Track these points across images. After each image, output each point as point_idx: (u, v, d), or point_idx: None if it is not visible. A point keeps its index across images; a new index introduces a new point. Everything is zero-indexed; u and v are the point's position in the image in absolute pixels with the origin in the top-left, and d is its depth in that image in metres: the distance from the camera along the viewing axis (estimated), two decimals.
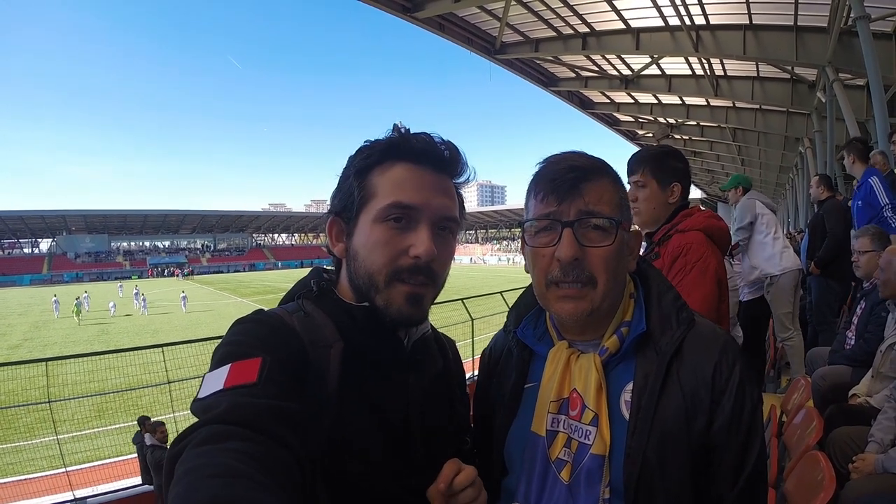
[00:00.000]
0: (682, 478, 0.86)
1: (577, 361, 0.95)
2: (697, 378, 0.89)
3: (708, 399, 0.88)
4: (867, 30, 6.09)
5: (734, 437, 0.88)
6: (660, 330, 0.93)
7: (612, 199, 0.92)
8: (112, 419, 9.04)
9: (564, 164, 0.92)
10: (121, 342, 17.89)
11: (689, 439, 0.87)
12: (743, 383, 0.89)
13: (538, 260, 0.93)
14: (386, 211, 0.85)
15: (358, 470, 0.81)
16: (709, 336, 0.93)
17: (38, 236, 71.69)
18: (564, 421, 0.94)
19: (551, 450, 0.94)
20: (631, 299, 0.99)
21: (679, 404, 0.88)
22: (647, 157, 2.05)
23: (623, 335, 0.94)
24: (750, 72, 12.04)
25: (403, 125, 0.91)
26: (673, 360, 0.90)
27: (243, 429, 0.60)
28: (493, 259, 79.26)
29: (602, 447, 0.88)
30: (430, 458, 0.90)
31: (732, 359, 0.91)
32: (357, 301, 0.90)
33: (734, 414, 0.88)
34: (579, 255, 0.88)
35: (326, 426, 0.79)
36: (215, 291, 39.76)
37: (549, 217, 0.91)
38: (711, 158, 23.67)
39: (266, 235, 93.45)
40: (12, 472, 7.12)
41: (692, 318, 0.95)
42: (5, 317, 27.49)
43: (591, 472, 0.88)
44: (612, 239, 0.89)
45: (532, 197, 0.95)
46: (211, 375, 0.72)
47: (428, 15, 10.64)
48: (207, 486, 0.50)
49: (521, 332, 1.07)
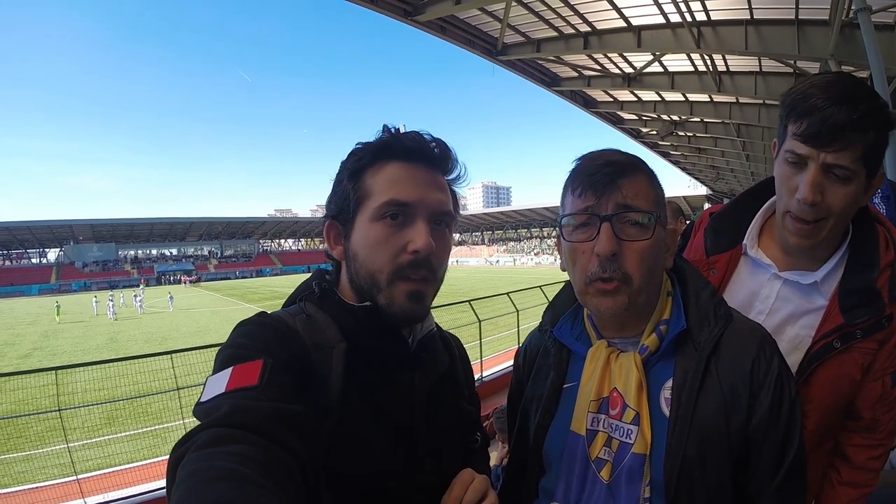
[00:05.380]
0: (722, 474, 0.87)
1: (617, 360, 0.96)
2: (736, 374, 0.89)
3: (747, 394, 0.88)
4: (868, 22, 6.04)
5: (773, 432, 0.88)
6: (698, 327, 0.94)
7: (649, 194, 0.93)
8: (122, 426, 9.09)
9: (601, 159, 0.93)
10: (129, 349, 17.98)
11: (729, 435, 0.87)
12: (781, 377, 0.90)
13: (577, 256, 0.93)
14: (382, 209, 0.86)
15: (364, 470, 0.81)
16: (746, 332, 0.94)
17: (45, 246, 72.17)
18: (605, 420, 0.95)
19: (591, 449, 0.94)
20: (669, 297, 0.99)
21: (718, 400, 0.88)
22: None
23: (662, 333, 0.94)
24: (753, 67, 11.97)
25: (393, 126, 0.93)
26: (711, 357, 0.91)
27: (245, 432, 0.61)
28: (503, 259, 78.95)
29: (643, 446, 0.88)
30: (437, 456, 0.90)
31: (770, 353, 0.91)
32: (358, 302, 0.90)
33: (773, 408, 0.88)
34: (617, 249, 0.88)
35: (330, 427, 0.79)
36: (223, 297, 39.87)
37: (587, 212, 0.91)
38: (716, 155, 23.53)
39: (272, 241, 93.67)
40: (24, 481, 7.15)
41: (730, 315, 0.95)
42: (14, 326, 27.65)
43: (632, 471, 0.89)
44: (650, 234, 0.90)
45: (569, 193, 0.95)
46: (213, 378, 0.72)
47: (429, 18, 10.64)
48: (209, 490, 0.50)
49: (558, 331, 1.07)
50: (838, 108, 0.97)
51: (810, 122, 1.01)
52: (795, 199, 1.07)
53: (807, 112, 1.02)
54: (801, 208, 1.07)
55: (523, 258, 75.71)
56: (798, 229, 1.11)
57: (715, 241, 1.33)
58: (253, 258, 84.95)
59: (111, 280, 65.34)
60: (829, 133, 0.98)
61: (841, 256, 1.17)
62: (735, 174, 28.28)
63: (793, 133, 1.06)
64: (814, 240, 1.11)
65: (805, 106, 1.02)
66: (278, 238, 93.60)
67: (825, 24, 8.74)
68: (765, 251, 1.26)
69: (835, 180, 1.03)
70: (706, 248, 1.35)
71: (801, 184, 1.05)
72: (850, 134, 0.98)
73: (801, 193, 1.05)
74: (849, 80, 1.03)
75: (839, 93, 0.99)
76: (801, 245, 1.13)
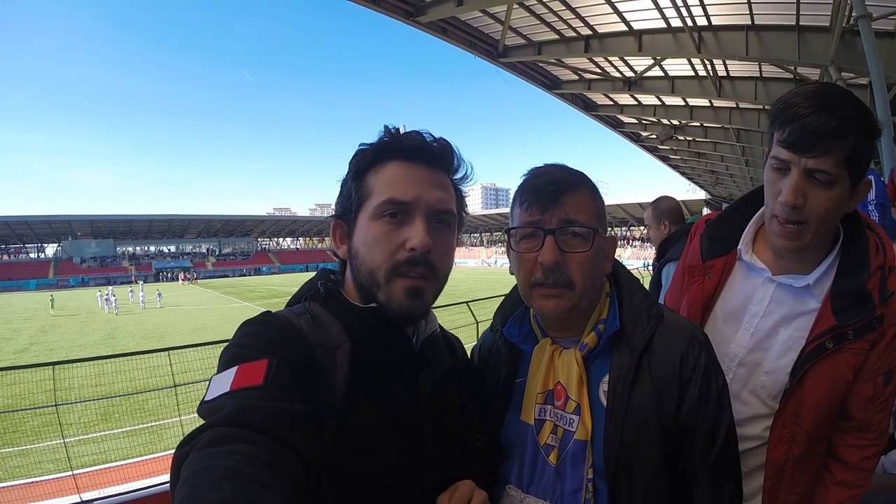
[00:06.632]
0: (657, 458, 0.97)
1: (560, 356, 1.05)
2: (666, 368, 0.99)
3: (676, 386, 0.98)
4: (869, 29, 6.06)
5: (702, 420, 0.98)
6: (632, 326, 1.03)
7: (591, 209, 1.02)
8: (118, 423, 9.07)
9: (547, 177, 1.02)
10: (127, 345, 17.93)
11: (662, 423, 0.97)
12: (708, 371, 1.00)
13: (523, 263, 1.03)
14: (381, 208, 0.88)
15: (370, 469, 0.82)
16: (676, 329, 1.03)
17: (43, 241, 71.96)
18: (550, 410, 1.05)
19: (540, 436, 1.04)
20: (607, 298, 1.08)
21: (650, 392, 0.98)
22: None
23: (600, 332, 1.04)
24: (753, 72, 12.00)
25: (393, 126, 0.95)
26: (644, 353, 1.00)
27: (249, 431, 0.61)
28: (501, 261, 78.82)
29: (584, 433, 0.98)
30: (442, 455, 0.91)
31: (698, 349, 1.01)
32: (363, 301, 0.92)
33: (701, 399, 0.98)
34: (560, 259, 0.98)
35: (334, 427, 0.80)
36: (220, 295, 39.81)
37: (532, 225, 1.00)
38: (715, 159, 23.57)
39: (271, 240, 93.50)
40: (19, 475, 7.14)
41: (661, 314, 1.05)
42: (11, 321, 27.57)
43: (576, 455, 0.99)
44: (589, 245, 0.99)
45: (517, 206, 1.05)
46: (218, 378, 0.73)
47: (430, 19, 10.66)
48: (213, 489, 0.51)
49: (507, 331, 1.15)
50: (818, 116, 1.03)
51: (792, 129, 1.06)
52: (779, 203, 1.13)
53: (789, 120, 1.07)
54: (784, 211, 1.12)
55: None
56: (783, 232, 1.15)
57: (710, 247, 1.38)
58: (251, 256, 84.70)
59: (109, 276, 65.19)
60: (810, 139, 1.04)
61: (833, 260, 1.21)
62: (734, 179, 28.34)
63: (777, 140, 1.11)
64: (798, 242, 1.15)
65: (788, 114, 1.08)
66: (277, 237, 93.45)
67: (826, 30, 8.77)
68: (759, 256, 1.30)
69: (817, 185, 1.08)
70: (702, 253, 1.39)
71: (784, 188, 1.11)
72: (829, 140, 1.03)
73: (783, 197, 1.11)
74: (832, 89, 1.09)
75: (820, 101, 1.04)
76: (787, 247, 1.17)
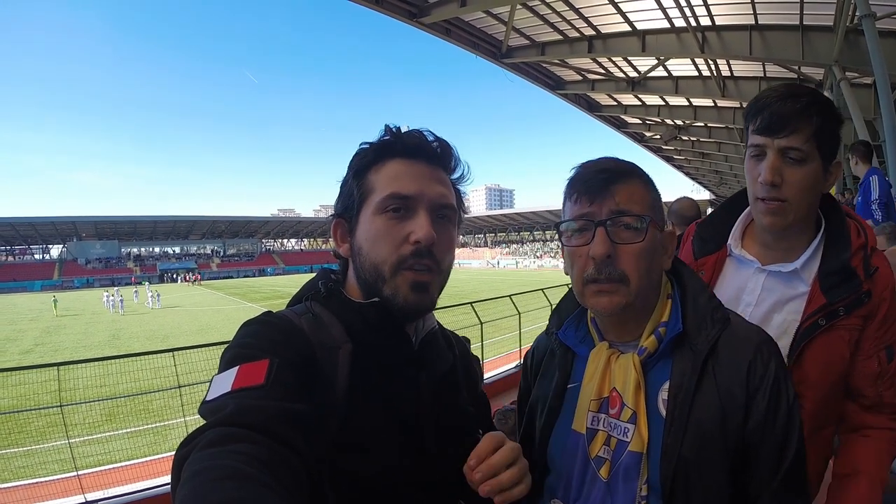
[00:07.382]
0: (719, 475, 0.88)
1: (618, 361, 0.98)
2: (732, 376, 0.91)
3: (743, 397, 0.89)
4: (873, 28, 6.05)
5: (770, 435, 0.89)
6: (696, 329, 0.95)
7: (644, 199, 0.96)
8: (123, 423, 9.10)
9: (596, 167, 0.97)
10: (131, 346, 17.99)
11: (725, 437, 0.88)
12: (778, 381, 0.91)
13: (575, 259, 0.97)
14: (384, 202, 0.88)
15: (371, 469, 0.82)
16: (744, 335, 0.95)
17: (48, 242, 72.29)
18: (604, 419, 0.97)
19: (591, 447, 0.96)
20: (668, 299, 1.01)
21: (715, 402, 0.89)
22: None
23: (661, 335, 0.96)
24: (757, 72, 11.97)
25: (394, 125, 0.95)
26: (708, 359, 0.92)
27: (250, 431, 0.61)
28: (505, 262, 78.83)
29: (640, 444, 0.90)
30: (444, 454, 0.91)
31: (767, 357, 0.92)
32: (365, 298, 0.91)
33: (769, 411, 0.89)
34: (612, 252, 0.92)
35: (335, 427, 0.80)
36: (225, 296, 39.91)
37: (583, 217, 0.95)
38: (720, 159, 23.53)
39: (275, 241, 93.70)
40: (24, 476, 7.18)
41: (727, 318, 0.97)
42: (17, 322, 27.70)
43: (629, 469, 0.91)
44: (643, 236, 0.92)
45: (567, 200, 1.00)
46: (219, 377, 0.73)
47: (434, 20, 10.68)
48: (214, 489, 0.51)
49: (562, 334, 1.10)
50: (784, 102, 1.17)
51: (763, 117, 1.20)
52: (759, 184, 1.22)
53: (760, 109, 1.21)
54: (764, 189, 1.21)
55: (526, 261, 75.52)
56: (766, 208, 1.23)
57: (701, 246, 1.45)
58: (256, 257, 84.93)
59: (113, 277, 65.43)
60: (779, 121, 1.17)
61: (817, 244, 1.29)
62: (738, 179, 28.22)
63: (752, 130, 1.24)
64: (782, 219, 1.23)
65: (758, 105, 1.22)
66: (281, 238, 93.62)
67: (829, 29, 8.74)
68: (748, 250, 1.37)
69: (791, 163, 1.18)
70: (694, 252, 1.46)
71: (762, 170, 1.21)
72: (796, 120, 1.15)
73: (762, 177, 1.20)
74: (797, 85, 1.22)
75: (785, 91, 1.19)
76: (773, 224, 1.24)
